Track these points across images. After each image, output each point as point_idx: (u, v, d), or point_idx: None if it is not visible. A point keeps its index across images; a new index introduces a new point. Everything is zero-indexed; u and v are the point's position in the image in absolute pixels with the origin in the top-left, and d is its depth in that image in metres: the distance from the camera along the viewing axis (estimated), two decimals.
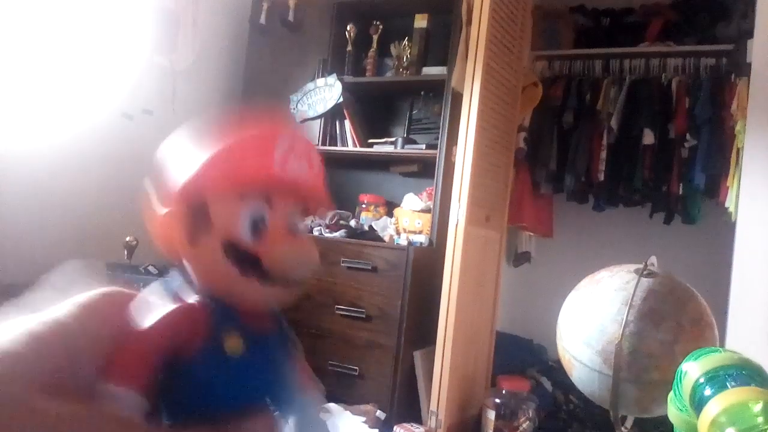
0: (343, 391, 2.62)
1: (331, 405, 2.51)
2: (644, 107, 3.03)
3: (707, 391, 0.89)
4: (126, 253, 2.70)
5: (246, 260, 0.51)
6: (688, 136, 2.91)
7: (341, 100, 3.10)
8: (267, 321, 0.55)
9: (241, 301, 0.52)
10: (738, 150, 2.52)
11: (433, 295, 2.56)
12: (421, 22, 3.14)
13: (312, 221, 3.01)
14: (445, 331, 2.46)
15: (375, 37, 3.22)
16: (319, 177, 0.56)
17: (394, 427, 2.44)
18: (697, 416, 0.89)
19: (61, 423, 0.41)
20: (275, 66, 3.42)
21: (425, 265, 2.70)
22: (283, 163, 0.51)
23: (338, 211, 3.12)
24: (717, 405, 0.84)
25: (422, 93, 3.17)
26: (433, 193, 2.86)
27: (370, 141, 3.13)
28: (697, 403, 0.90)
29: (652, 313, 1.59)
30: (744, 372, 0.88)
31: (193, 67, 3.17)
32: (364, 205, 3.16)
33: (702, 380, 0.91)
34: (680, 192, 2.97)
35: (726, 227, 2.55)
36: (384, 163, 3.23)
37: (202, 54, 3.22)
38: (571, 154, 3.18)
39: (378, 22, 3.22)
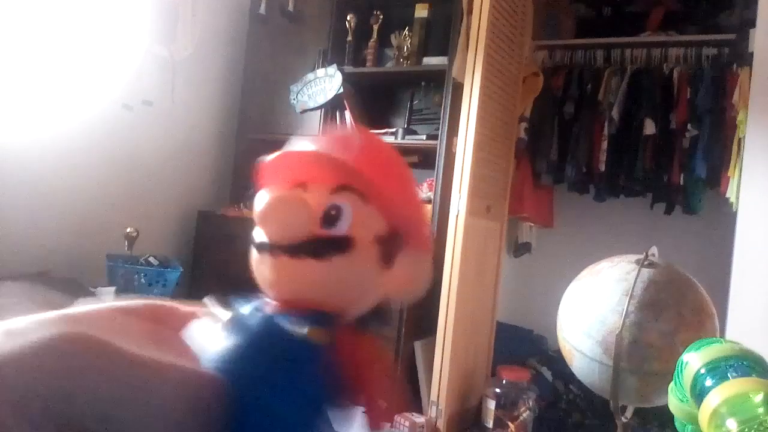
0: None
1: None
2: (645, 97, 3.02)
3: (708, 382, 0.89)
4: (126, 244, 2.70)
5: None
6: (689, 126, 2.90)
7: (341, 90, 3.08)
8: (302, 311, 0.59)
9: (260, 281, 0.60)
10: (739, 140, 2.51)
11: (433, 286, 2.55)
12: (421, 11, 3.12)
13: None
14: (446, 321, 2.46)
15: (375, 27, 3.20)
16: (355, 155, 0.62)
17: (395, 417, 2.45)
18: (698, 407, 0.89)
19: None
20: (275, 56, 3.40)
21: None
22: (317, 146, 0.63)
23: None
24: (718, 396, 0.84)
25: (423, 83, 3.15)
26: (434, 183, 2.86)
27: (371, 131, 3.12)
28: (698, 393, 0.91)
29: (653, 304, 1.59)
30: (745, 363, 0.89)
31: (193, 58, 3.16)
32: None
33: (703, 371, 0.91)
34: (681, 182, 2.96)
35: (727, 218, 2.55)
36: None
37: (202, 44, 3.20)
38: (572, 144, 3.17)
39: (378, 12, 3.20)
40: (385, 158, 0.71)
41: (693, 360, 0.95)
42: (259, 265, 0.64)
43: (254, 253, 0.64)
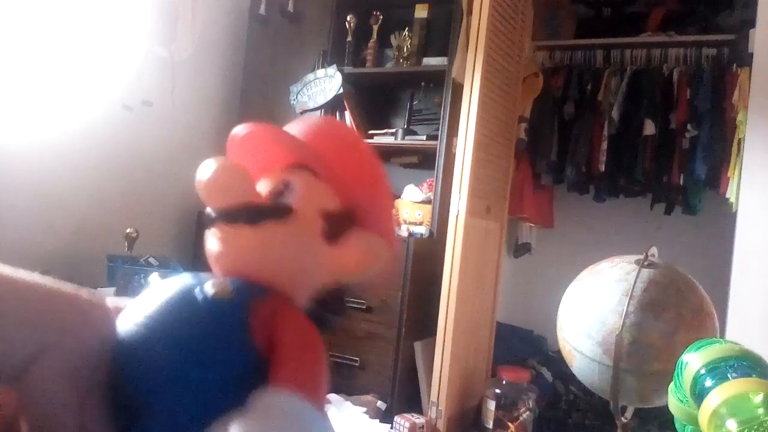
0: (343, 381, 2.63)
1: (332, 396, 2.52)
2: (645, 98, 3.02)
3: (708, 382, 0.89)
4: (126, 244, 2.70)
5: None
6: (689, 127, 2.90)
7: (341, 91, 3.08)
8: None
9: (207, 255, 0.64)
10: (739, 140, 2.51)
11: (433, 287, 2.56)
12: (421, 12, 3.12)
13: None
14: (446, 321, 2.46)
15: (375, 28, 3.20)
16: (313, 136, 0.67)
17: (395, 418, 2.45)
18: (698, 407, 0.89)
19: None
20: (275, 57, 3.40)
21: (426, 256, 2.70)
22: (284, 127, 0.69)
23: None
24: (718, 396, 0.84)
25: (423, 84, 3.15)
26: (434, 184, 2.86)
27: (371, 132, 3.12)
28: (698, 394, 0.91)
29: (653, 304, 1.59)
30: (745, 363, 0.89)
31: (193, 58, 3.15)
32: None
33: (703, 371, 0.91)
34: (681, 182, 2.96)
35: (727, 218, 2.55)
36: (384, 155, 3.22)
37: (202, 44, 3.20)
38: (572, 144, 3.17)
39: (378, 13, 3.20)
40: (346, 142, 0.71)
41: (693, 360, 0.95)
42: (206, 240, 0.66)
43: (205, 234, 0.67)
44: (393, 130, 3.07)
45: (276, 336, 0.55)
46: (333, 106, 3.17)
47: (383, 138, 3.07)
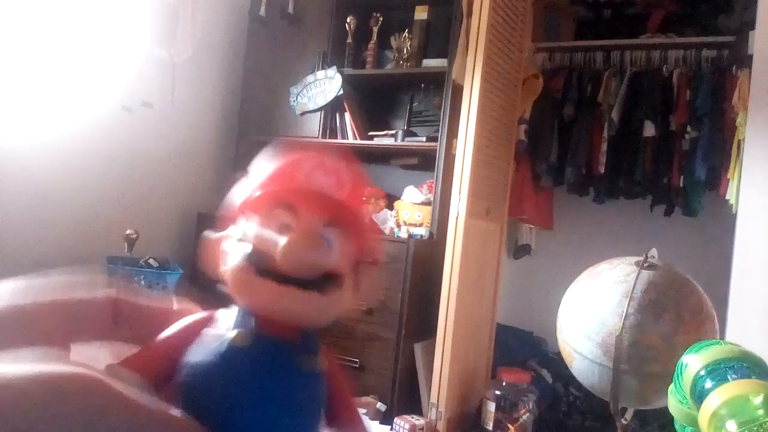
0: None
1: None
2: (645, 99, 3.03)
3: (708, 384, 0.89)
4: (126, 246, 2.70)
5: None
6: (689, 129, 2.91)
7: (341, 92, 3.09)
8: (292, 333, 0.56)
9: (262, 306, 0.55)
10: (739, 142, 2.51)
11: (433, 288, 2.56)
12: (421, 13, 3.12)
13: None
14: (446, 323, 2.46)
15: (375, 29, 3.20)
16: (346, 192, 0.61)
17: (395, 419, 2.45)
18: (698, 408, 0.89)
19: None
20: (275, 58, 3.40)
21: (426, 257, 2.70)
22: (308, 178, 0.58)
23: None
24: (718, 397, 0.84)
25: (422, 85, 3.16)
26: (434, 185, 2.86)
27: (371, 134, 3.12)
28: (698, 395, 0.90)
29: (653, 306, 1.59)
30: (745, 364, 0.88)
31: (193, 59, 3.16)
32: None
33: (703, 373, 0.91)
34: (681, 184, 2.96)
35: (727, 219, 2.55)
36: (384, 156, 3.22)
37: (202, 46, 3.20)
38: (572, 146, 3.18)
39: (378, 14, 3.20)
40: (363, 189, 0.69)
41: (692, 362, 0.95)
42: (252, 283, 0.61)
43: (241, 267, 0.61)
44: (393, 132, 3.07)
45: (338, 387, 0.56)
46: (333, 108, 3.17)
47: (383, 139, 3.07)
